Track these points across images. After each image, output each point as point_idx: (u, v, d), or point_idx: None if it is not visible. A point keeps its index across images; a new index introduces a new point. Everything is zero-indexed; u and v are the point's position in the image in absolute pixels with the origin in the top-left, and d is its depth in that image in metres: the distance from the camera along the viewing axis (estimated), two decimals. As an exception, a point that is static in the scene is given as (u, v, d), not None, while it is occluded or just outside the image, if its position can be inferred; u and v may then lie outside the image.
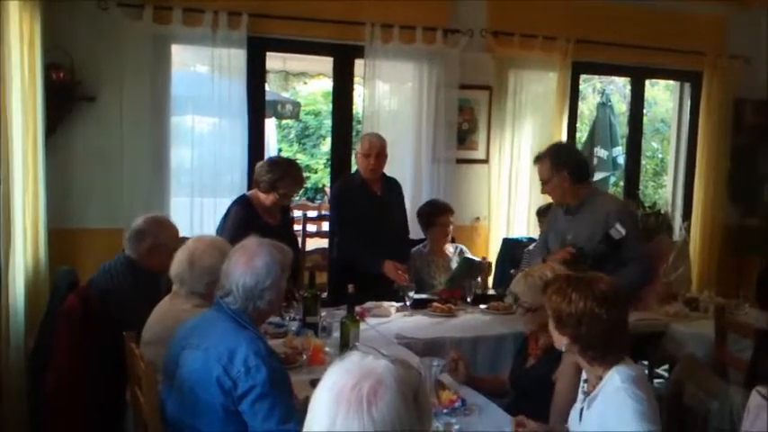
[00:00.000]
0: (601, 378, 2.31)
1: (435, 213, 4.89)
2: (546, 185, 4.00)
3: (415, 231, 5.10)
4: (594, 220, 3.85)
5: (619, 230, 3.69)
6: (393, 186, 4.80)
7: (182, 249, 3.03)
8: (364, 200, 4.60)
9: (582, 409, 2.37)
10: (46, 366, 3.29)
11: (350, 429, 1.29)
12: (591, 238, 3.83)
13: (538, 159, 4.04)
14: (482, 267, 4.84)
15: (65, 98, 4.68)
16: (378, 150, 4.56)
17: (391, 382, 1.33)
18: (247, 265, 2.43)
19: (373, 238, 4.50)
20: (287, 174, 4.19)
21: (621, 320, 2.33)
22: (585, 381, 2.43)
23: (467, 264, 4.71)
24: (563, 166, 3.89)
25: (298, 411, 2.24)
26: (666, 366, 4.72)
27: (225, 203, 4.67)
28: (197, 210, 5.19)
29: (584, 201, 3.92)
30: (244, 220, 4.05)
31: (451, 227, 4.93)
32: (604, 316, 2.27)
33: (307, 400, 1.42)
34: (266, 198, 4.19)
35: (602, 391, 2.29)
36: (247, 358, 2.27)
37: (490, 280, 5.20)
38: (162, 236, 3.47)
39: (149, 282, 3.42)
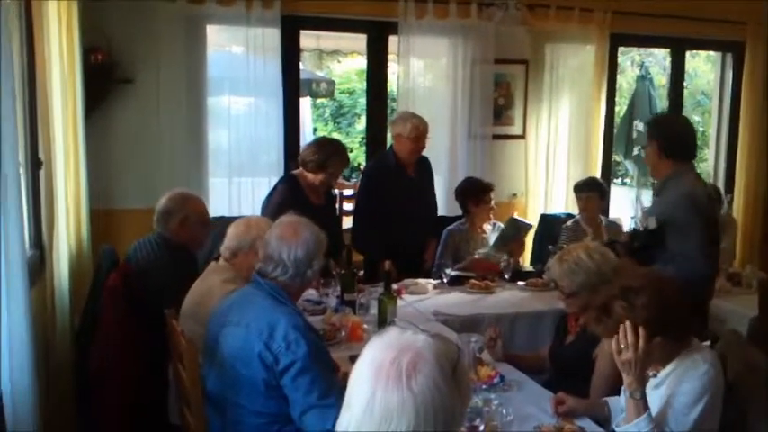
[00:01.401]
0: (670, 358, 2.35)
1: (482, 191, 4.84)
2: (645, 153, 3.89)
3: (453, 208, 5.10)
4: (663, 203, 3.64)
5: (648, 223, 3.50)
6: (425, 166, 4.79)
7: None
8: (398, 183, 4.59)
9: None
10: (93, 341, 3.37)
11: (389, 402, 1.30)
12: (655, 220, 3.58)
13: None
14: (528, 228, 4.88)
15: (103, 80, 4.75)
16: (425, 135, 4.55)
17: (430, 356, 1.34)
18: (295, 237, 2.48)
19: (405, 219, 4.52)
20: (335, 153, 4.24)
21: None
22: None
23: (514, 224, 4.72)
24: (655, 136, 3.70)
25: (339, 386, 2.26)
26: (708, 342, 4.66)
27: (262, 183, 4.69)
28: (234, 190, 5.24)
29: (667, 180, 3.66)
30: (290, 198, 4.09)
31: (494, 203, 4.90)
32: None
33: (346, 376, 1.43)
34: (315, 178, 4.22)
35: (681, 370, 2.32)
36: (287, 333, 2.29)
37: (528, 256, 5.18)
38: (188, 209, 3.54)
39: (186, 258, 3.51)
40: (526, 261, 5.32)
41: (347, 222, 6.16)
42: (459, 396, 1.36)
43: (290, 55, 5.36)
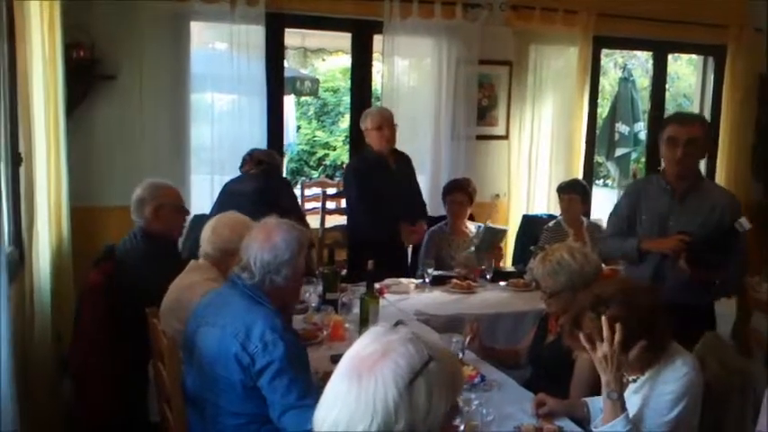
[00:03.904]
0: (650, 365, 2.35)
1: (447, 191, 4.90)
2: (690, 147, 3.38)
3: (435, 209, 5.11)
4: (703, 207, 3.47)
5: (743, 224, 3.28)
6: (406, 160, 4.84)
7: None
8: (381, 174, 4.63)
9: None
10: (73, 340, 3.36)
11: (347, 396, 1.30)
12: (702, 226, 3.41)
13: (687, 120, 3.52)
14: (503, 234, 4.91)
15: (85, 77, 4.72)
16: (389, 122, 4.62)
17: (394, 354, 1.32)
18: (266, 240, 2.44)
19: (390, 210, 4.56)
20: None
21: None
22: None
23: (490, 232, 4.75)
24: (710, 136, 3.54)
25: (316, 387, 2.25)
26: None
27: (245, 181, 4.63)
28: (217, 187, 5.19)
29: (694, 184, 3.51)
30: None
31: (468, 209, 4.90)
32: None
33: (327, 376, 1.42)
34: None
35: (661, 373, 2.34)
36: (264, 334, 2.28)
37: (510, 257, 5.19)
38: (161, 197, 3.54)
39: (166, 247, 3.52)
40: (508, 261, 5.34)
41: (330, 221, 6.17)
42: (410, 407, 1.29)
43: (275, 52, 5.34)
